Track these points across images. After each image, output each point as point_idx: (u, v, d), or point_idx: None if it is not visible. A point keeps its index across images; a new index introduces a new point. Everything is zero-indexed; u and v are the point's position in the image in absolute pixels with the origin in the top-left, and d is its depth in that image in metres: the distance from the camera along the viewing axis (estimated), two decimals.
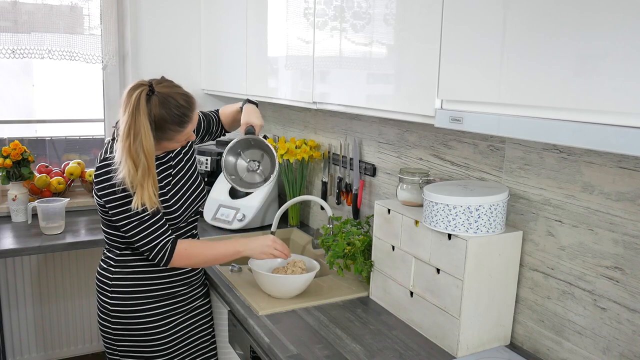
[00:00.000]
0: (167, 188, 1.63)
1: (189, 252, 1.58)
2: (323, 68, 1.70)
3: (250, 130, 1.78)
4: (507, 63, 1.02)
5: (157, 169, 1.60)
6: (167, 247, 1.55)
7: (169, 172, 1.65)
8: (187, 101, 1.51)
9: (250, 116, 1.80)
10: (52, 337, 2.83)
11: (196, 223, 1.77)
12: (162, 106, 1.45)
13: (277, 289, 1.64)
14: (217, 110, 1.95)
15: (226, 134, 1.99)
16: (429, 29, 1.21)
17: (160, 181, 1.60)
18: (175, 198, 1.64)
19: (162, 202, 1.58)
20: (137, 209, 1.49)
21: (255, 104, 1.88)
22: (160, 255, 1.55)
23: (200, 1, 2.75)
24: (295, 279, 1.64)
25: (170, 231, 1.58)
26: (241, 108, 1.86)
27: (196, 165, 1.77)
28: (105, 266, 1.66)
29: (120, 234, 1.61)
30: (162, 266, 1.59)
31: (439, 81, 1.19)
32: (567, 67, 0.90)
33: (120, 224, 1.54)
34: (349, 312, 1.60)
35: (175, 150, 1.67)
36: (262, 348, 1.47)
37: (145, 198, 1.47)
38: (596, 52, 0.86)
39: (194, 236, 1.77)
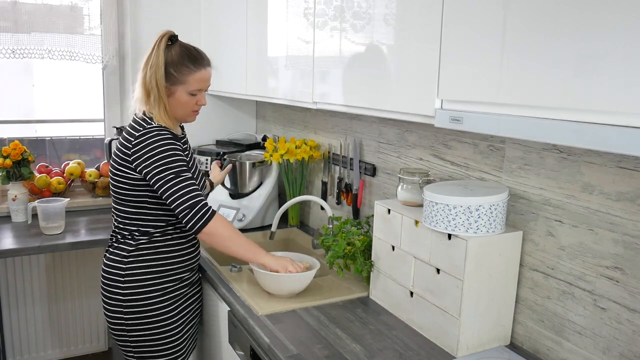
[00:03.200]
0: (189, 164, 1.70)
1: (224, 226, 1.59)
2: (323, 68, 1.70)
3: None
4: (507, 63, 1.02)
5: (179, 146, 1.65)
6: (207, 210, 1.57)
7: (186, 152, 1.73)
8: (205, 55, 1.70)
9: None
10: (52, 337, 2.83)
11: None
12: (181, 49, 1.64)
13: (279, 287, 1.64)
14: None
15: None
16: (429, 29, 1.21)
17: (186, 156, 1.69)
18: (196, 174, 1.74)
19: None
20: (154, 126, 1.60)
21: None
22: (199, 216, 1.55)
23: (200, 1, 2.75)
24: (298, 277, 1.64)
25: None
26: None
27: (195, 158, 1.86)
28: (116, 258, 1.69)
29: (143, 216, 1.66)
30: (195, 230, 1.57)
31: (439, 81, 1.19)
32: (567, 67, 0.90)
33: (162, 182, 1.55)
34: (349, 312, 1.60)
35: (182, 139, 1.76)
36: (262, 348, 1.47)
37: (161, 115, 1.62)
38: (596, 52, 0.86)
39: None
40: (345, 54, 1.58)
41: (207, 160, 2.59)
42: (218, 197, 2.42)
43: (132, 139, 1.60)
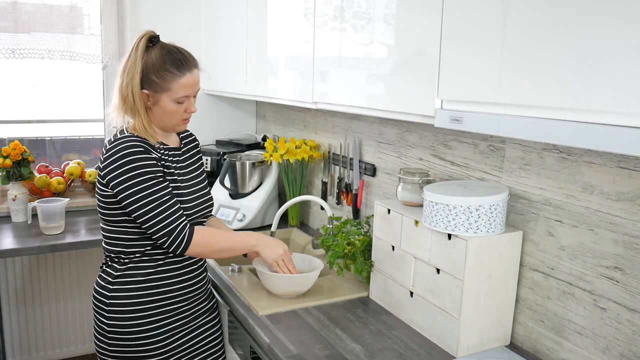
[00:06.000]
0: (180, 179, 1.57)
1: (206, 239, 1.51)
2: (323, 68, 1.70)
3: None
4: (507, 63, 1.02)
5: (152, 160, 1.48)
6: (186, 232, 1.47)
7: (182, 164, 1.61)
8: (190, 56, 1.53)
9: None
10: (52, 337, 2.83)
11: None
12: (161, 51, 1.48)
13: (282, 289, 1.63)
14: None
15: None
16: (429, 28, 1.21)
17: (172, 174, 1.54)
18: (188, 190, 1.58)
19: (178, 195, 1.53)
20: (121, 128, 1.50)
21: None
22: (179, 240, 1.46)
23: (200, 1, 2.75)
24: (302, 278, 1.62)
25: (185, 217, 1.50)
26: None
27: (205, 176, 1.72)
28: (103, 283, 1.55)
29: (129, 237, 1.51)
30: (179, 253, 1.49)
31: (439, 81, 1.19)
32: (567, 66, 0.90)
33: (134, 206, 1.44)
34: (349, 312, 1.60)
35: (183, 148, 1.65)
36: (262, 348, 1.47)
37: (140, 127, 1.49)
38: (596, 52, 0.86)
39: None
40: (345, 54, 1.58)
41: (206, 160, 2.59)
42: (218, 197, 2.42)
43: (104, 152, 1.48)
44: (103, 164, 1.47)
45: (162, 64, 1.47)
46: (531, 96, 0.98)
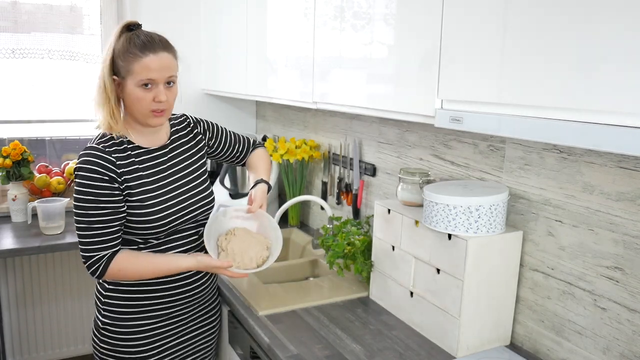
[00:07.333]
0: (155, 185, 1.45)
1: (122, 273, 1.42)
2: (323, 68, 1.70)
3: None
4: (508, 63, 1.02)
5: (141, 166, 1.44)
6: (102, 263, 1.39)
7: (162, 166, 1.49)
8: (160, 40, 1.42)
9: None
10: (52, 337, 2.83)
11: (187, 246, 1.53)
12: (131, 36, 1.40)
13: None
14: (254, 148, 1.79)
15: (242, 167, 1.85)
16: (429, 29, 1.21)
17: (142, 184, 1.44)
18: (169, 195, 1.46)
19: (139, 201, 1.42)
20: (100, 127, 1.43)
21: (269, 186, 1.67)
22: (92, 269, 1.40)
23: (200, 1, 2.75)
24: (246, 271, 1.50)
25: (114, 244, 1.41)
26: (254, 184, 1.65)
27: (205, 170, 1.60)
28: (100, 280, 1.53)
29: (127, 237, 1.46)
30: (96, 278, 1.43)
31: (439, 81, 1.19)
32: (568, 66, 0.90)
33: (75, 225, 1.41)
34: (349, 312, 1.60)
35: (170, 145, 1.53)
36: (262, 348, 1.47)
37: (106, 118, 1.41)
38: (597, 52, 0.86)
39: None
40: (345, 54, 1.58)
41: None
42: (218, 197, 2.41)
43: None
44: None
45: (127, 47, 1.38)
46: (531, 96, 0.98)
